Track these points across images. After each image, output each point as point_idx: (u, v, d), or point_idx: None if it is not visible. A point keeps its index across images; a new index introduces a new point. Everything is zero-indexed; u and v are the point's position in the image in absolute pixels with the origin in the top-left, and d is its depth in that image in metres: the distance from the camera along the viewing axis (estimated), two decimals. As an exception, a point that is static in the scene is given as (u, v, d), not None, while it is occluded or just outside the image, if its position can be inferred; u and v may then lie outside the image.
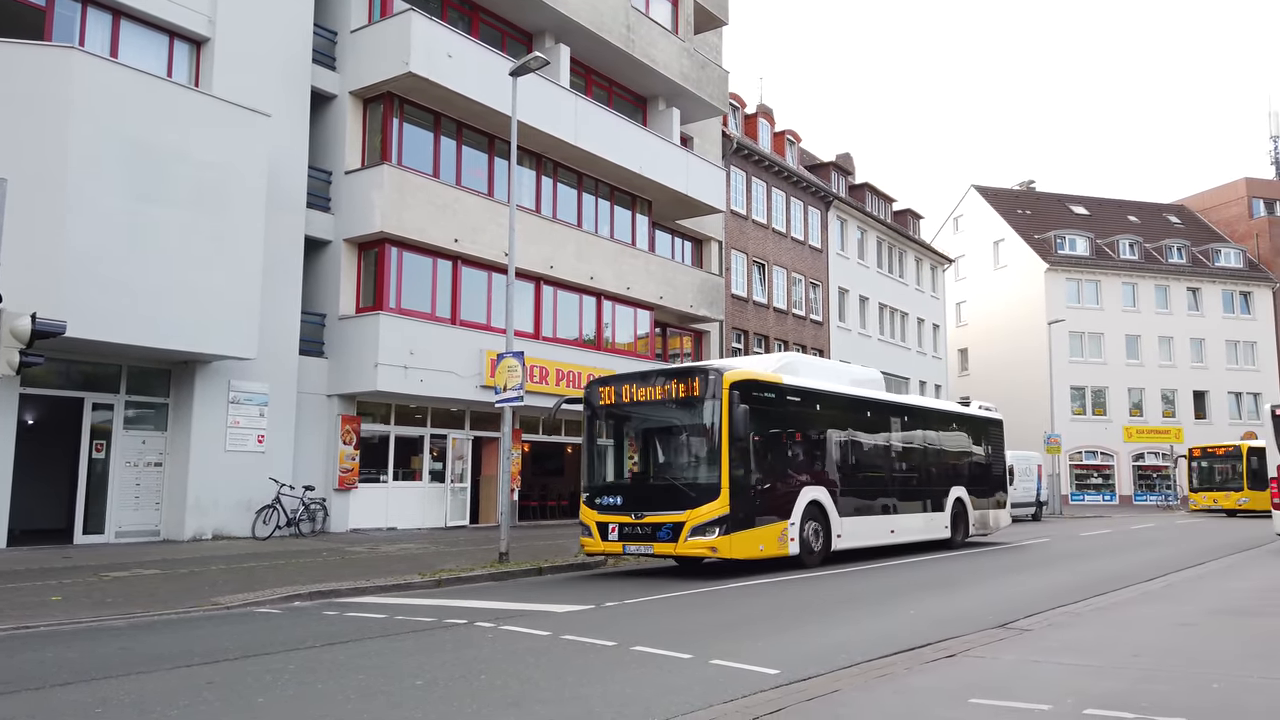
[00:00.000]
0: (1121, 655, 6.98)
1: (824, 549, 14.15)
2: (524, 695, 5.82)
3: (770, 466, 13.45)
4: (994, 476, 20.41)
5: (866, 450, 15.95)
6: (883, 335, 41.54)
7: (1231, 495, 36.89)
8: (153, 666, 6.71)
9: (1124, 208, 60.16)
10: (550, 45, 23.16)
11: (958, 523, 18.26)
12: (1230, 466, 37.32)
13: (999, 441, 20.80)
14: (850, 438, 15.54)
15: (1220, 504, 37.12)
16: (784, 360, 15.57)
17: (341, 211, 19.40)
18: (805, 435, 14.65)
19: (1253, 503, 35.64)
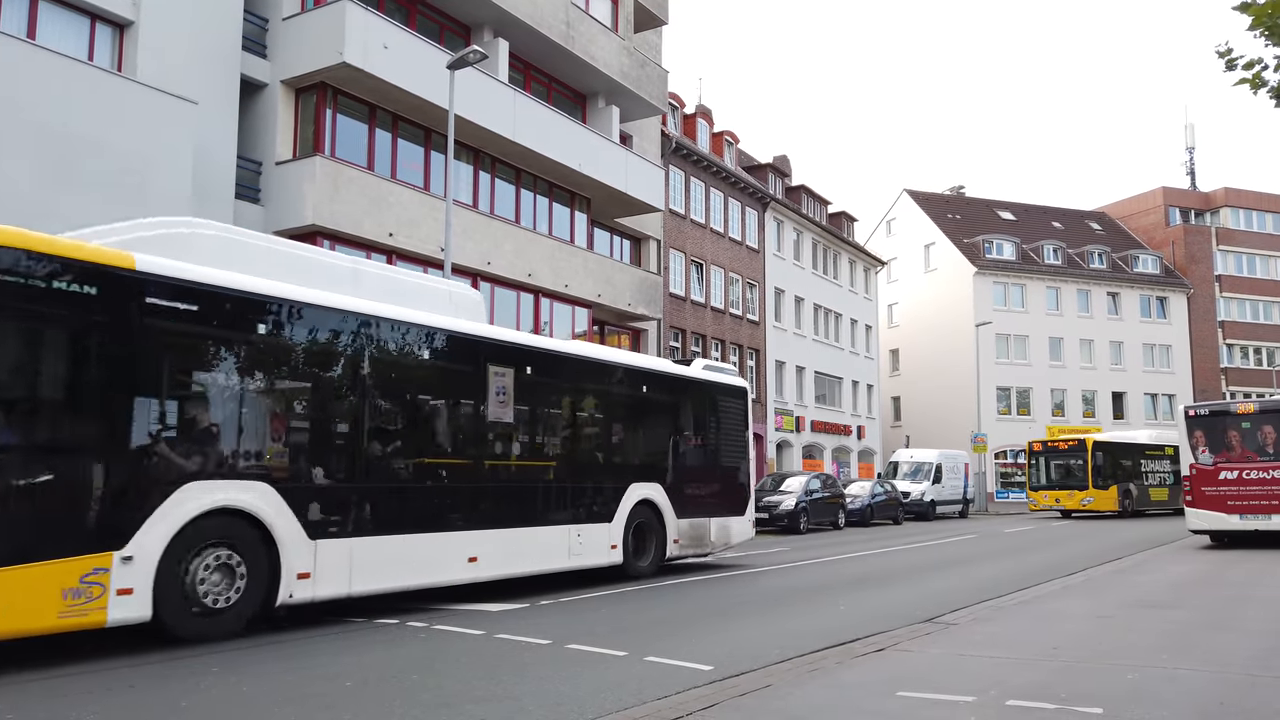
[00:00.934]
0: (1042, 647, 7.21)
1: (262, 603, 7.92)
2: (457, 695, 5.76)
3: None
4: (722, 470, 14.42)
5: (399, 418, 9.52)
6: (817, 335, 42.15)
7: (1075, 494, 33.10)
8: (67, 671, 6.46)
9: (1049, 214, 62.02)
10: (489, 39, 22.95)
11: (643, 540, 12.61)
12: (1073, 463, 33.63)
13: (739, 420, 14.79)
14: (345, 393, 8.86)
15: (1063, 503, 33.56)
16: (164, 227, 8.34)
17: (272, 203, 18.95)
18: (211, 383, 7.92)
19: (1098, 503, 32.83)
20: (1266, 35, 6.90)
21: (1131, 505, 33.33)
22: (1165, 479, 34.90)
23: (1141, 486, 34.27)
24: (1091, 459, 32.89)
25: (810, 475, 25.42)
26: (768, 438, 36.97)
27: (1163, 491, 34.83)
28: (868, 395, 46.83)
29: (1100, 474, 32.75)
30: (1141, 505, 33.99)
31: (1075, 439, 34.65)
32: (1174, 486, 33.35)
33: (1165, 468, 34.82)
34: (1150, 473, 34.99)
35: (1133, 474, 34.33)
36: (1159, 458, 35.21)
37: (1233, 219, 60.61)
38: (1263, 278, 59.66)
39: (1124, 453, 34.62)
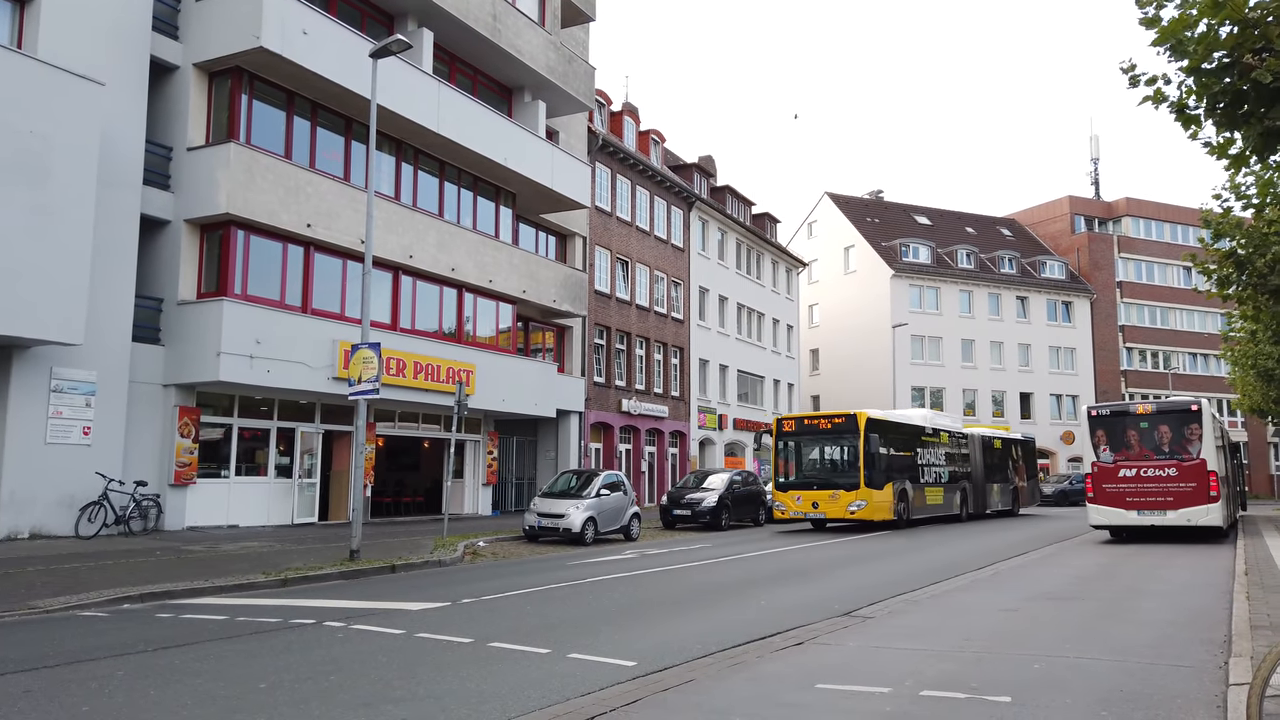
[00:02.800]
0: (954, 639, 7.43)
1: None
2: (376, 695, 5.64)
3: None
4: None
5: None
6: (740, 334, 42.62)
7: (842, 496, 22.37)
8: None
9: (962, 219, 63.92)
10: (413, 29, 22.52)
11: None
12: (839, 450, 23.65)
13: None
14: None
15: (822, 509, 22.51)
16: None
17: (183, 190, 18.25)
18: None
19: (870, 508, 22.24)
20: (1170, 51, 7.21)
21: (907, 511, 24.03)
22: (940, 475, 26.72)
23: (918, 486, 25.08)
24: (865, 445, 22.50)
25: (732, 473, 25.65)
26: (691, 435, 37.24)
27: (937, 493, 26.21)
28: (789, 394, 47.56)
29: (874, 466, 22.57)
30: (917, 512, 24.75)
31: (843, 415, 23.57)
32: (950, 487, 27.23)
33: (940, 461, 27.03)
34: (926, 467, 26.01)
35: (908, 468, 24.76)
36: (934, 445, 26.74)
37: (1134, 228, 63.41)
38: (1160, 284, 62.58)
39: (901, 438, 24.94)
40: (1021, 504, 32.88)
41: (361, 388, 14.09)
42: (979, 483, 29.54)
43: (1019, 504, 32.49)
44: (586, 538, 18.16)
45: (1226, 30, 6.95)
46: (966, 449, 29.23)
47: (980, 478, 29.66)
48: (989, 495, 29.99)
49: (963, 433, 29.62)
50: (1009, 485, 32.05)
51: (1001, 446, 31.93)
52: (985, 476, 29.95)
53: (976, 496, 29.16)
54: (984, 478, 29.86)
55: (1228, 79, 7.12)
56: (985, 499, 29.72)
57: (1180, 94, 7.45)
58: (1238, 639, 6.97)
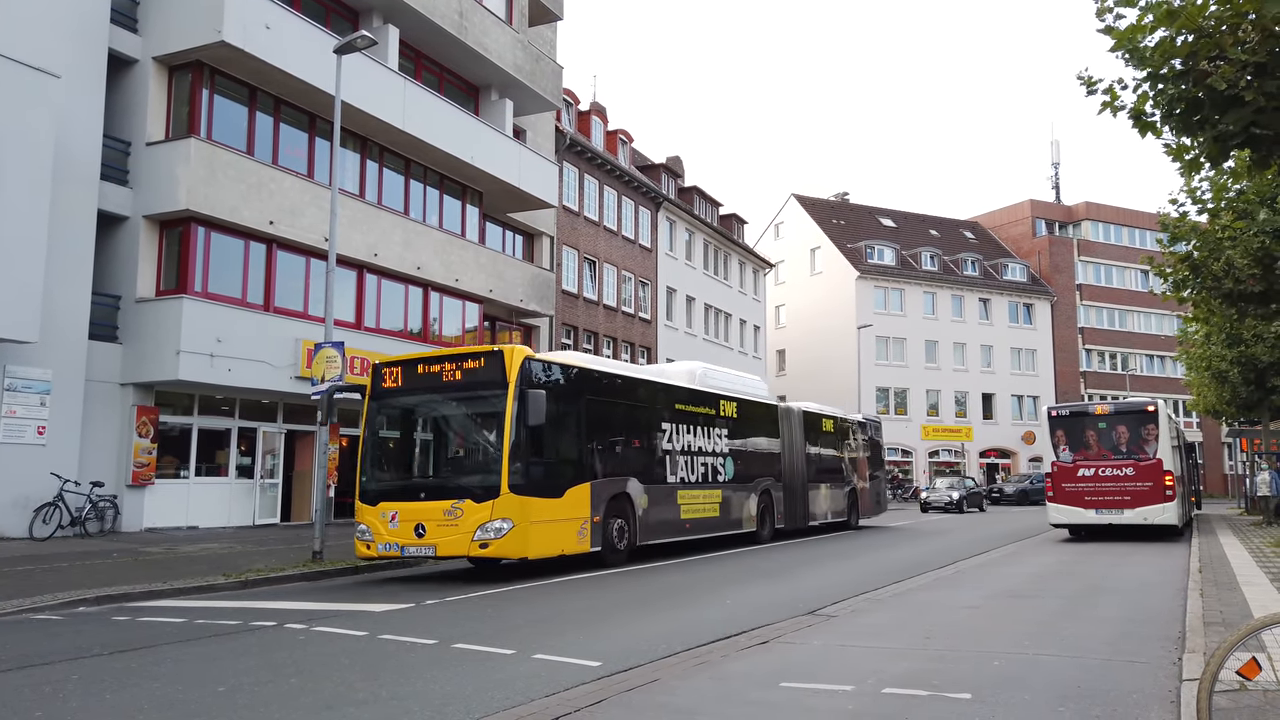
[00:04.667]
0: (917, 637, 7.51)
1: None
2: (338, 698, 5.58)
3: None
4: None
5: None
6: (708, 335, 42.74)
7: (465, 515, 11.61)
8: (-97, 684, 5.95)
9: (926, 222, 64.66)
10: (378, 25, 22.32)
11: None
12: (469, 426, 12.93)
13: None
14: None
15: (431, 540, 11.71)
16: None
17: (141, 186, 17.94)
18: None
19: (522, 537, 11.72)
20: (1127, 58, 7.35)
21: (629, 535, 14.04)
22: (714, 471, 16.75)
23: (659, 489, 15.09)
24: (517, 412, 11.84)
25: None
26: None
27: (701, 500, 16.23)
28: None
29: (537, 452, 12.22)
30: (655, 532, 14.85)
31: (481, 353, 12.53)
32: (733, 489, 17.29)
33: (715, 448, 16.94)
34: (678, 458, 15.79)
35: (635, 459, 14.77)
36: (700, 422, 16.54)
37: (1093, 231, 64.56)
38: (1119, 287, 63.75)
39: (616, 406, 14.52)
40: (863, 512, 24.32)
41: (324, 387, 13.94)
42: (795, 483, 20.10)
43: (858, 513, 23.81)
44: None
45: (1182, 38, 7.10)
46: (770, 432, 19.36)
47: (796, 475, 20.19)
48: (812, 501, 20.85)
49: (765, 403, 19.68)
50: (844, 487, 22.95)
51: (833, 431, 22.87)
52: (807, 474, 20.64)
53: (789, 503, 19.73)
54: (804, 476, 20.50)
55: (1184, 86, 7.28)
56: (804, 506, 20.38)
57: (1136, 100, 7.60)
58: (1191, 635, 7.11)
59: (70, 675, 6.21)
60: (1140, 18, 7.28)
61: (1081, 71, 8.07)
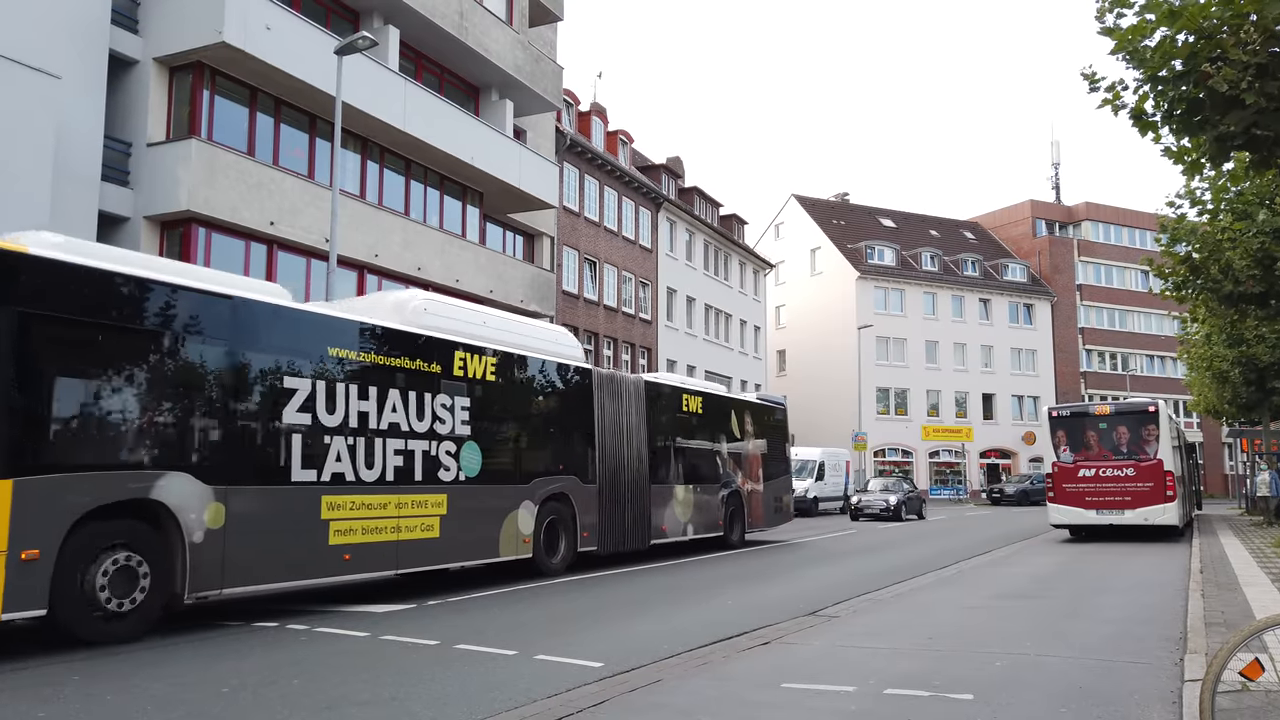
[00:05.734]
0: (918, 638, 7.51)
1: None
2: (340, 698, 5.59)
3: None
4: None
5: None
6: (708, 335, 42.74)
7: None
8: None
9: (926, 222, 64.66)
10: (379, 26, 22.31)
11: None
12: None
13: None
14: None
15: None
16: None
17: (142, 187, 17.93)
18: None
19: None
20: (1128, 60, 7.35)
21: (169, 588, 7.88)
22: (441, 462, 10.92)
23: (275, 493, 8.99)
24: None
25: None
26: (657, 436, 37.21)
27: (415, 512, 10.52)
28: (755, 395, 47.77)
29: None
30: (243, 574, 8.46)
31: None
32: (476, 494, 11.44)
33: (444, 425, 11.05)
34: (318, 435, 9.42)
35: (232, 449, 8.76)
36: (441, 387, 11.09)
37: (1093, 232, 64.57)
38: (1119, 287, 63.75)
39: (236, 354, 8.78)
40: (753, 523, 18.28)
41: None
42: (622, 484, 14.21)
43: (743, 525, 17.80)
44: (553, 539, 17.91)
45: (1183, 39, 7.10)
46: (571, 408, 13.47)
47: (625, 473, 14.32)
48: (659, 510, 15.09)
49: (562, 364, 13.43)
50: (719, 490, 17.01)
51: (702, 413, 16.79)
52: (648, 472, 14.88)
53: (609, 514, 13.84)
54: (641, 474, 14.68)
55: (1184, 87, 7.28)
56: (640, 518, 14.54)
57: (1137, 100, 7.60)
58: (1193, 636, 7.12)
59: (70, 676, 6.21)
60: (1141, 19, 7.29)
61: (1085, 68, 8.07)
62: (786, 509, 20.39)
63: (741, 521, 17.82)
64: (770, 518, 19.27)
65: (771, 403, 21.23)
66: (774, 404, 21.22)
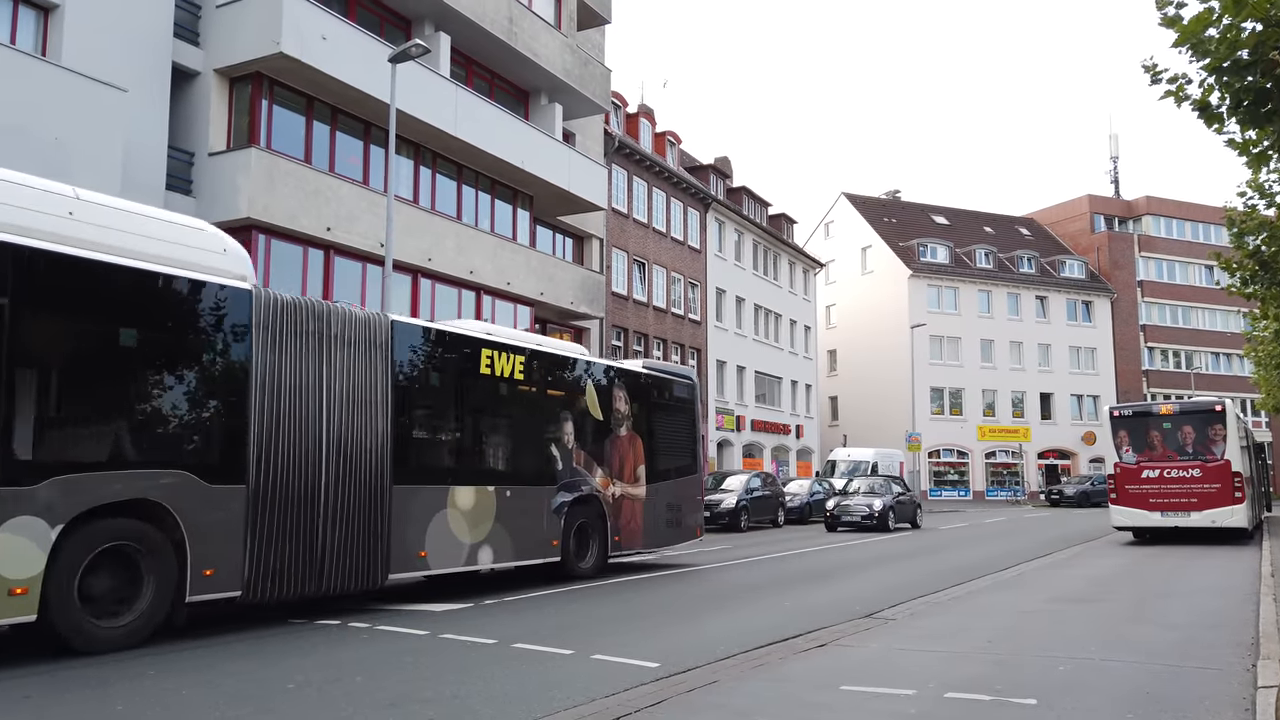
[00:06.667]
0: (978, 641, 7.41)
1: None
2: (402, 696, 5.70)
3: None
4: None
5: None
6: (758, 335, 42.56)
7: None
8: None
9: (980, 219, 63.58)
10: (430, 33, 22.65)
11: None
12: None
13: None
14: None
15: None
16: None
17: (204, 195, 18.42)
18: None
19: None
20: (1191, 51, 7.17)
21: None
22: None
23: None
24: None
25: (751, 474, 25.67)
26: (708, 436, 37.22)
27: None
28: (806, 395, 47.46)
29: None
30: None
31: None
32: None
33: None
34: None
35: None
36: None
37: (1154, 226, 62.88)
38: (1182, 283, 62.00)
39: None
40: (626, 541, 13.26)
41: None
42: (345, 489, 9.00)
43: (603, 545, 12.78)
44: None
45: (1250, 28, 6.90)
46: (218, 352, 8.19)
47: (343, 467, 9.02)
48: (428, 525, 10.06)
49: (224, 289, 8.23)
50: (559, 494, 12.06)
51: (529, 380, 11.83)
52: (400, 464, 9.69)
53: (281, 540, 8.29)
54: (383, 469, 9.46)
55: (1250, 78, 7.08)
56: (374, 538, 9.29)
57: (1202, 92, 7.41)
58: (1265, 641, 6.92)
59: (146, 670, 6.42)
60: (1205, 8, 7.10)
61: (1145, 60, 7.89)
62: (686, 522, 14.70)
63: (600, 540, 12.48)
64: (656, 534, 13.82)
65: (667, 374, 15.04)
66: (671, 376, 15.08)
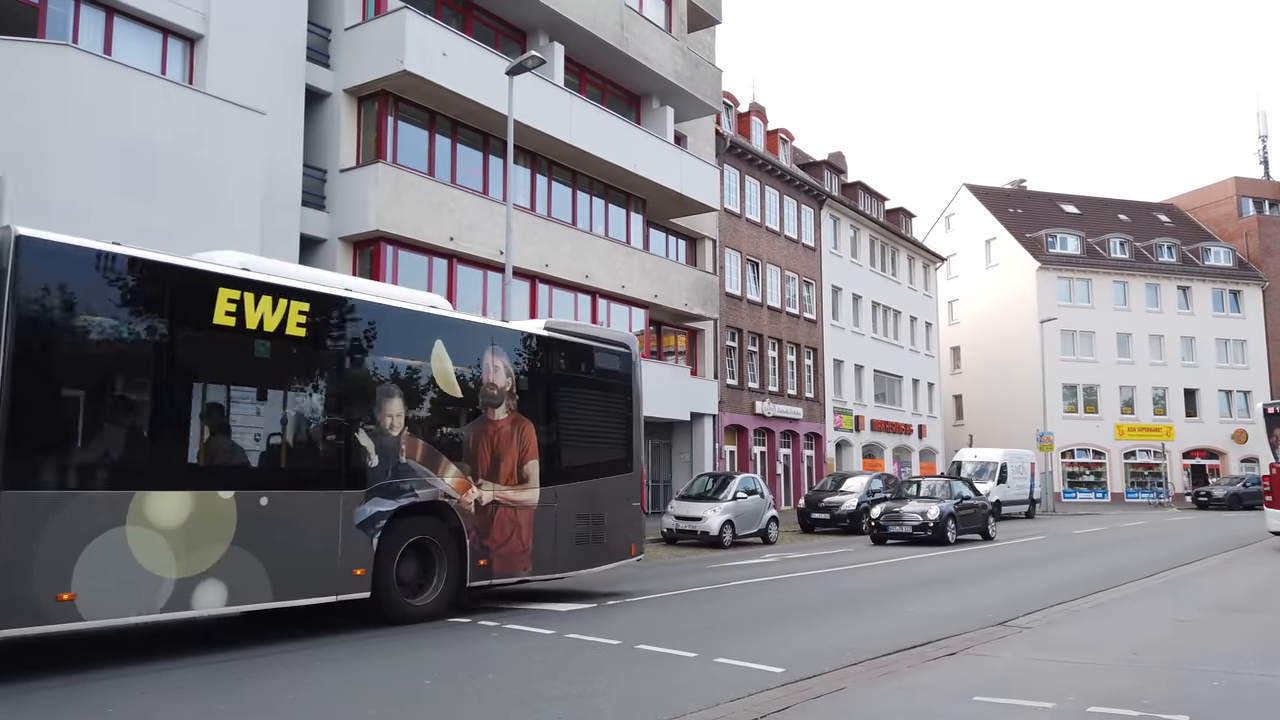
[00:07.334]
0: (1122, 652, 7.04)
1: None
2: (531, 694, 5.84)
3: None
4: None
5: None
6: (876, 333, 41.63)
7: None
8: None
9: (1114, 206, 60.38)
10: (544, 43, 23.13)
11: None
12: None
13: None
14: None
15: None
16: None
17: (336, 210, 19.34)
18: None
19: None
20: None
21: None
22: None
23: None
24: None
25: (871, 475, 25.13)
26: (826, 437, 36.63)
27: None
28: (929, 393, 46.11)
29: None
30: None
31: None
32: None
33: None
34: None
35: None
36: None
37: (1311, 208, 58.33)
38: (1343, 268, 57.28)
39: None
40: (503, 565, 9.50)
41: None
42: None
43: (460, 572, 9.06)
44: (724, 540, 18.15)
45: None
46: None
47: None
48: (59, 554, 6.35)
49: None
50: (366, 504, 8.31)
51: (315, 336, 8.24)
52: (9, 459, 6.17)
53: None
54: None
55: None
56: None
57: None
58: None
59: (304, 663, 6.79)
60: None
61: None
62: (613, 538, 10.98)
63: (453, 564, 8.99)
64: (556, 553, 10.08)
65: (584, 339, 11.14)
66: (590, 341, 11.18)
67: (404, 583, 8.64)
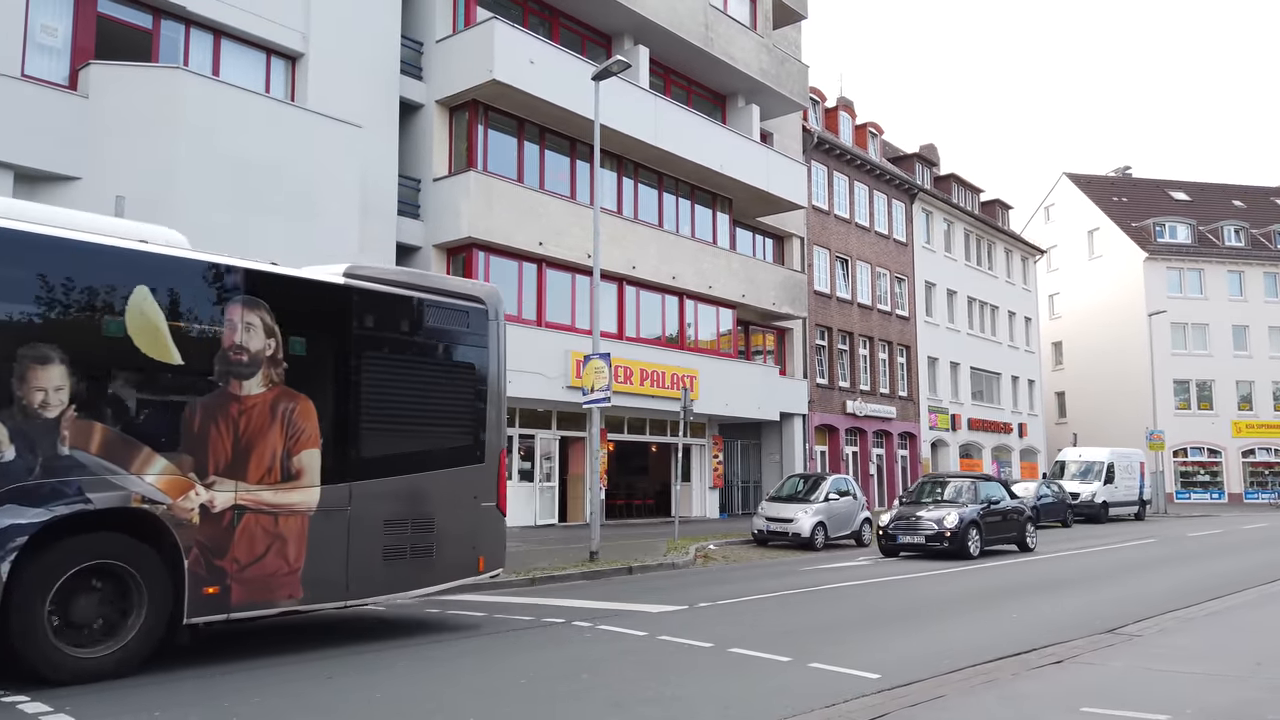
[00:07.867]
0: (1243, 663, 6.70)
1: None
2: (626, 695, 5.89)
3: None
4: None
5: None
6: (972, 329, 40.50)
7: None
8: (269, 661, 6.98)
9: (1228, 192, 57.31)
10: (629, 47, 23.28)
11: None
12: None
13: None
14: None
15: None
16: None
17: (430, 218, 19.87)
18: None
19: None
20: None
21: None
22: None
23: None
24: None
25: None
26: (921, 436, 35.83)
27: None
28: (1029, 391, 44.62)
29: None
30: None
31: None
32: None
33: None
34: None
35: None
36: None
37: None
38: None
39: None
40: (246, 593, 6.91)
41: (594, 396, 14.73)
42: None
43: (198, 599, 6.63)
44: (816, 543, 17.94)
45: None
46: None
47: None
48: None
49: None
50: (26, 505, 5.87)
51: None
52: None
53: None
54: None
55: None
56: None
57: None
58: None
59: (397, 661, 7.01)
60: None
61: None
62: (448, 550, 8.40)
63: (159, 596, 6.52)
64: (339, 576, 7.57)
65: (406, 289, 8.49)
66: (414, 292, 8.52)
67: (77, 625, 6.14)
